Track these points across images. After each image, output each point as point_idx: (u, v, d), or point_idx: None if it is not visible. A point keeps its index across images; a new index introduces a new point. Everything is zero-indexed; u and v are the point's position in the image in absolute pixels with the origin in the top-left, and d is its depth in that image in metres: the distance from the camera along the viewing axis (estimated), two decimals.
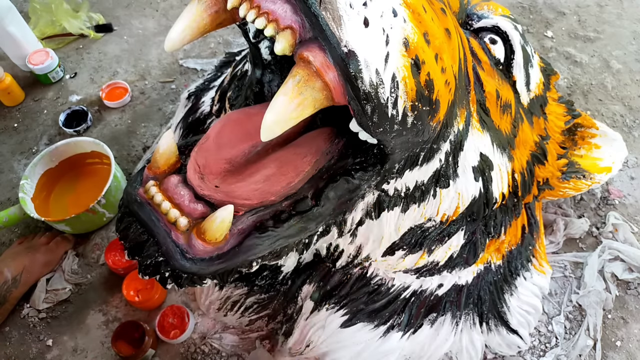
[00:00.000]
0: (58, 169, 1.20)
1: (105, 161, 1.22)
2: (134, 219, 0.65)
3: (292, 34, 0.50)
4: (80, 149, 1.20)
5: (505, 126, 0.81)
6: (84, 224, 1.13)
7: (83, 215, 1.08)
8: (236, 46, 1.56)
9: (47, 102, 1.43)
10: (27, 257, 1.08)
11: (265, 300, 0.92)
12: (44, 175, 1.17)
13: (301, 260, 0.85)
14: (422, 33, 0.53)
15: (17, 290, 1.04)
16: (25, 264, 1.06)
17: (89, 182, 1.22)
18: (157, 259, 0.64)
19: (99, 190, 1.10)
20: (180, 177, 0.66)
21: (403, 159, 0.66)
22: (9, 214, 1.09)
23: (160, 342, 1.01)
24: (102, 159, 1.23)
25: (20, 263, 1.06)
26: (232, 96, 0.87)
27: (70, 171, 1.23)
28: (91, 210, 1.08)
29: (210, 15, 0.59)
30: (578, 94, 1.45)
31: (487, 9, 0.84)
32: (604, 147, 1.06)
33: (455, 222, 0.81)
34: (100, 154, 1.21)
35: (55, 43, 1.55)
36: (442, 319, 0.90)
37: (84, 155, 1.22)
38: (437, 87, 0.56)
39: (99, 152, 1.20)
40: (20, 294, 1.06)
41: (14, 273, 1.04)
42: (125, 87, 1.42)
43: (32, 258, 1.08)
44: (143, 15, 1.67)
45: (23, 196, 1.10)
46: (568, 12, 1.68)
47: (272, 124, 0.51)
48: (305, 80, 0.50)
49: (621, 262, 1.12)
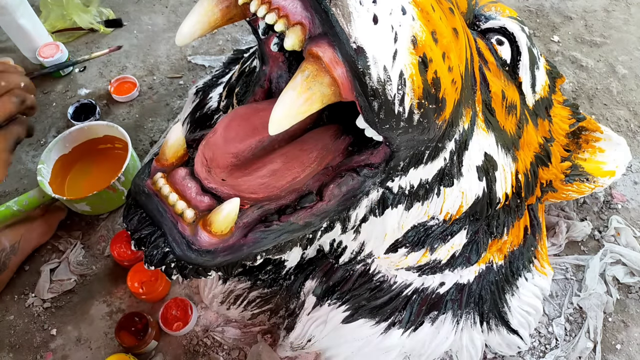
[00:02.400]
0: (72, 155, 1.22)
1: (117, 145, 1.25)
2: (141, 210, 0.66)
3: (302, 29, 0.51)
4: (93, 134, 1.23)
5: (510, 127, 0.82)
6: (104, 202, 1.15)
7: (104, 193, 1.10)
8: (244, 44, 1.57)
9: (56, 95, 1.44)
10: (23, 226, 1.10)
11: (268, 295, 0.93)
12: (59, 161, 1.19)
13: (304, 255, 0.86)
14: (430, 31, 0.54)
15: (16, 257, 1.07)
16: (22, 233, 1.09)
17: (103, 167, 1.24)
18: (164, 249, 0.65)
19: (113, 174, 1.12)
20: (187, 170, 0.67)
21: (408, 156, 0.67)
22: (29, 197, 1.11)
23: (163, 334, 1.02)
24: (115, 144, 1.25)
25: (17, 232, 1.09)
26: (239, 92, 0.88)
27: (83, 157, 1.25)
28: (111, 187, 1.10)
29: (221, 10, 0.60)
30: (583, 98, 1.46)
31: (494, 10, 0.84)
32: (608, 151, 1.06)
33: (458, 221, 0.81)
34: (113, 138, 1.23)
35: (66, 37, 1.56)
36: (443, 317, 0.91)
37: (96, 141, 1.24)
38: (443, 86, 0.57)
39: (111, 136, 1.23)
40: (20, 261, 1.09)
41: (12, 241, 1.07)
42: (133, 81, 1.44)
43: (29, 227, 1.11)
44: (153, 11, 1.68)
45: (41, 179, 1.12)
46: (575, 17, 1.68)
47: (280, 118, 0.52)
48: (314, 75, 0.51)
49: (623, 265, 1.13)
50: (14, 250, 1.06)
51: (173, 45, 1.58)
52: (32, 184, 1.25)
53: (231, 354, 1.01)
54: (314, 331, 0.90)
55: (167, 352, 1.01)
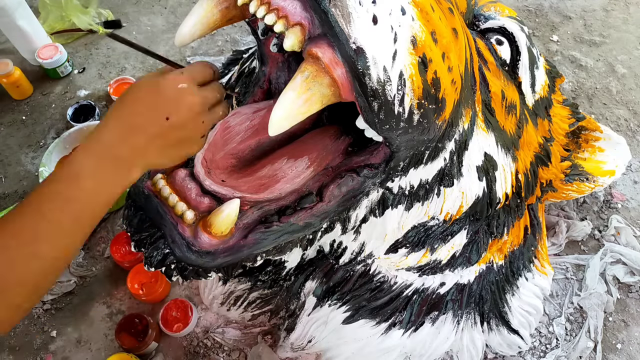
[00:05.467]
0: None
1: None
2: (141, 211, 0.66)
3: (301, 30, 0.51)
4: None
5: (510, 127, 0.82)
6: None
7: None
8: (243, 44, 1.57)
9: (55, 96, 1.44)
10: None
11: (268, 296, 0.93)
12: (60, 163, 1.19)
13: (305, 256, 0.86)
14: (429, 32, 0.54)
15: None
16: None
17: None
18: (164, 251, 0.65)
19: None
20: (187, 171, 0.66)
21: (408, 157, 0.67)
22: None
23: (163, 336, 1.02)
24: None
25: None
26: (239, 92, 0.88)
27: None
28: None
29: (220, 11, 0.60)
30: (583, 98, 1.46)
31: (494, 10, 0.84)
32: (608, 150, 1.06)
33: (458, 221, 0.81)
34: None
35: (64, 38, 1.56)
36: (444, 317, 0.91)
37: None
38: (443, 86, 0.57)
39: None
40: None
41: None
42: (133, 82, 1.43)
43: None
44: (152, 12, 1.68)
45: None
46: (574, 17, 1.68)
47: (280, 119, 0.52)
48: (314, 76, 0.51)
49: (623, 265, 1.13)
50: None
51: (172, 46, 1.58)
52: (32, 186, 1.24)
53: (231, 355, 1.01)
54: (314, 332, 0.90)
55: (167, 353, 1.01)
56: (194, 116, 0.54)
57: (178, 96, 0.53)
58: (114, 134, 0.52)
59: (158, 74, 0.54)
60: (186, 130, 0.54)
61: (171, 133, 0.53)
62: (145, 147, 0.53)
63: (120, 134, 0.52)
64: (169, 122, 0.52)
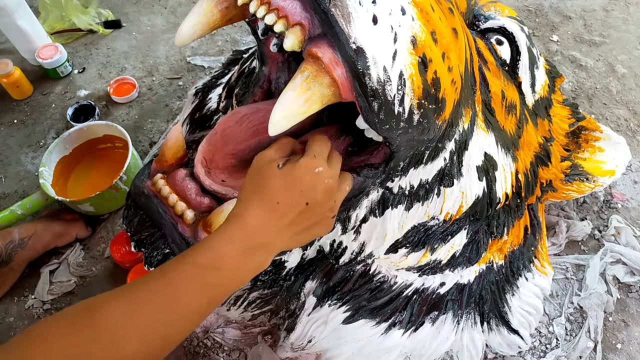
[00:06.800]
0: (72, 156, 1.22)
1: (117, 144, 1.26)
2: (141, 211, 0.66)
3: (301, 30, 0.51)
4: (93, 134, 1.23)
5: (510, 127, 0.82)
6: (107, 202, 1.15)
7: (106, 193, 1.10)
8: (243, 44, 1.57)
9: (55, 96, 1.44)
10: (41, 223, 1.10)
11: (268, 296, 0.92)
12: (60, 162, 1.19)
13: (305, 256, 0.86)
14: (429, 32, 0.54)
15: (23, 251, 1.06)
16: (37, 229, 1.08)
17: (104, 167, 1.24)
18: (164, 251, 0.65)
19: (114, 174, 1.12)
20: (187, 171, 0.67)
21: (408, 157, 0.67)
22: (32, 200, 1.11)
23: None
24: (115, 142, 1.26)
25: (33, 227, 1.08)
26: (239, 93, 0.88)
27: (84, 158, 1.25)
28: (114, 187, 1.10)
29: (220, 11, 0.60)
30: (583, 98, 1.46)
31: (494, 10, 0.84)
32: (608, 150, 1.06)
33: (458, 221, 0.81)
34: (113, 138, 1.24)
35: (64, 38, 1.56)
36: (444, 317, 0.91)
37: (96, 141, 1.24)
38: (443, 86, 0.57)
39: (111, 135, 1.23)
40: (27, 257, 1.08)
41: (23, 235, 1.06)
42: (132, 82, 1.44)
43: (46, 225, 1.10)
44: (152, 12, 1.68)
45: (43, 182, 1.12)
46: (574, 16, 1.68)
47: (280, 119, 0.52)
48: (314, 76, 0.51)
49: (623, 265, 1.13)
50: (22, 245, 1.05)
51: (172, 46, 1.58)
52: (32, 186, 1.25)
53: (231, 355, 1.01)
54: (314, 332, 0.90)
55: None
56: (330, 197, 0.56)
57: (316, 181, 0.54)
58: (258, 221, 0.53)
59: (280, 153, 0.58)
60: (322, 213, 0.56)
61: (309, 218, 0.55)
62: (283, 232, 0.54)
63: (264, 221, 0.53)
64: (308, 208, 0.54)
